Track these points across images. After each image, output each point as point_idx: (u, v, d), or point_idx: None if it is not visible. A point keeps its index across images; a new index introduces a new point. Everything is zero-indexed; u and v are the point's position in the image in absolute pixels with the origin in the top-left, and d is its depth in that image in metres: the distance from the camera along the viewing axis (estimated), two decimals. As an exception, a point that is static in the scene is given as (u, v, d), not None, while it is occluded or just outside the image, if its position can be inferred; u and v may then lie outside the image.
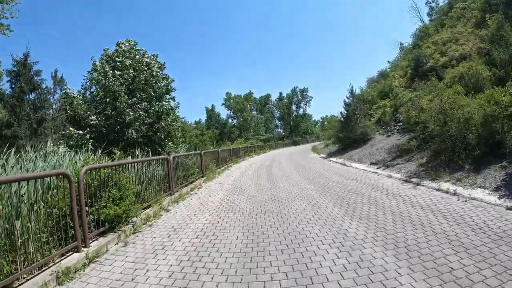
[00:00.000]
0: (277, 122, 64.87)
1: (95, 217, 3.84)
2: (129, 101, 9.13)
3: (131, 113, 8.90)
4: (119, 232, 4.08)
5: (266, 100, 62.95)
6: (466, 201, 4.86)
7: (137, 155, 7.26)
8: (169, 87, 10.59)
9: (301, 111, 63.27)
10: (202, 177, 10.39)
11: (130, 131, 8.96)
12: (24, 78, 17.25)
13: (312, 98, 62.06)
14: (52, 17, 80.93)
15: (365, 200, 5.69)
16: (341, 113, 17.46)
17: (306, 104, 62.16)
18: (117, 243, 3.91)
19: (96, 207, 3.88)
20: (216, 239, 3.86)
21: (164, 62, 11.18)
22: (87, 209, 3.76)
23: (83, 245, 3.50)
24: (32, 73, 18.06)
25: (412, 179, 7.26)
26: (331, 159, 15.01)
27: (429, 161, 8.44)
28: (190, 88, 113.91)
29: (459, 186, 5.81)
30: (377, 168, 9.95)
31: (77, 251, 3.38)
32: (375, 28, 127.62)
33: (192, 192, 8.05)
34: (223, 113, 58.46)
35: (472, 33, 17.32)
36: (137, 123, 8.97)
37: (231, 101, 54.62)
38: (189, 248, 3.59)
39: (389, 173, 8.70)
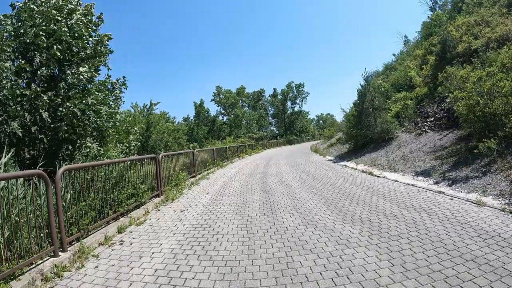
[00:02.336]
0: (271, 120, 61.16)
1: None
2: (12, 66, 5.18)
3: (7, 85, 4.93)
4: None
5: (259, 95, 59.12)
6: None
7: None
8: (101, 48, 6.62)
9: (296, 108, 59.74)
10: (157, 196, 6.55)
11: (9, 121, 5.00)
12: None
13: (308, 94, 58.56)
14: None
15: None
16: (354, 104, 13.80)
17: (302, 101, 58.60)
18: None
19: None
20: None
21: (101, 13, 7.18)
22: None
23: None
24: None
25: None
26: (345, 164, 11.34)
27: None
28: (181, 83, 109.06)
29: None
30: (436, 184, 6.32)
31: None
32: (374, 23, 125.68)
33: (112, 242, 4.18)
34: (213, 109, 54.41)
35: (508, 14, 14.30)
36: (17, 105, 4.88)
37: (222, 96, 50.53)
38: None
39: (475, 196, 5.04)
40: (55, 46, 5.31)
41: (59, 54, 5.31)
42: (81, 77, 5.67)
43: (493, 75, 7.05)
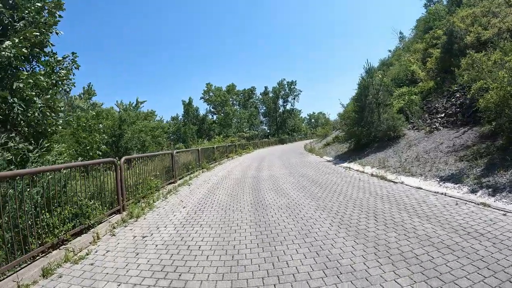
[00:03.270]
0: (262, 118, 59.65)
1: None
2: None
3: None
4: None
5: (250, 93, 57.50)
6: None
7: None
8: (42, 17, 4.89)
9: (288, 106, 58.38)
10: (117, 212, 4.97)
11: None
12: None
13: (301, 92, 57.22)
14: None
15: None
16: (355, 99, 12.48)
17: (294, 99, 57.21)
18: None
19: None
20: None
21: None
22: None
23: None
24: None
25: None
26: (348, 165, 9.99)
27: None
28: (180, 84, 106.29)
29: None
30: (473, 193, 5.01)
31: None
32: (365, 21, 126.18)
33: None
34: (203, 107, 52.49)
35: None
36: None
37: (211, 93, 48.69)
38: None
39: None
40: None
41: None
42: (3, 53, 4.04)
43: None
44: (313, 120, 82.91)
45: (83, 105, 33.26)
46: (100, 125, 8.95)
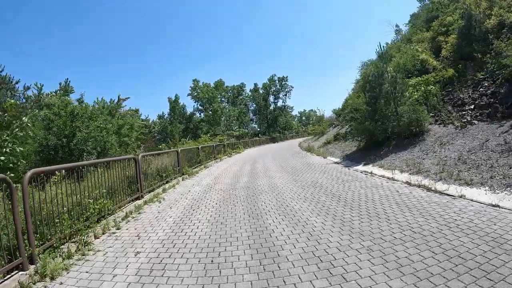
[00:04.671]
0: (252, 116, 57.40)
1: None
2: None
3: None
4: None
5: (239, 90, 55.10)
6: None
7: None
8: None
9: (280, 103, 56.25)
10: (16, 268, 2.71)
11: None
12: None
13: (292, 88, 55.17)
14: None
15: None
16: (366, 90, 10.52)
17: (285, 95, 55.08)
18: None
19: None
20: None
21: None
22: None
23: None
24: None
25: None
26: (366, 169, 8.04)
27: None
28: (170, 82, 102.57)
29: None
30: None
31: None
32: (355, 16, 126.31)
33: None
34: (191, 105, 49.83)
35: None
36: None
37: (199, 90, 46.05)
38: None
39: None
40: None
41: None
42: None
43: None
44: (304, 118, 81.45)
45: (56, 102, 30.04)
46: (25, 118, 6.27)
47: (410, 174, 6.43)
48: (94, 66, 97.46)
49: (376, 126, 9.66)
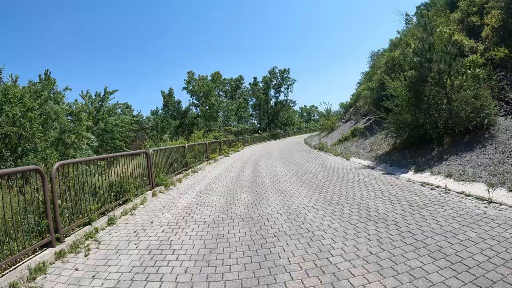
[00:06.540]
0: (252, 111, 54.44)
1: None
2: None
3: None
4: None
5: (238, 83, 52.11)
6: None
7: None
8: None
9: (281, 97, 53.14)
10: None
11: None
12: None
13: (295, 81, 52.00)
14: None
15: None
16: (410, 68, 7.78)
17: (287, 89, 51.92)
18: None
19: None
20: None
21: None
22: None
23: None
24: None
25: None
26: (424, 179, 5.39)
27: None
28: (170, 80, 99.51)
29: None
30: None
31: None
32: (362, 7, 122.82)
33: None
34: (185, 99, 46.92)
35: None
36: None
37: (194, 83, 43.12)
38: None
39: None
40: None
41: None
42: None
43: None
44: (305, 114, 78.56)
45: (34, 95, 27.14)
46: None
47: (508, 190, 3.77)
48: (88, 62, 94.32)
49: (425, 118, 6.98)
